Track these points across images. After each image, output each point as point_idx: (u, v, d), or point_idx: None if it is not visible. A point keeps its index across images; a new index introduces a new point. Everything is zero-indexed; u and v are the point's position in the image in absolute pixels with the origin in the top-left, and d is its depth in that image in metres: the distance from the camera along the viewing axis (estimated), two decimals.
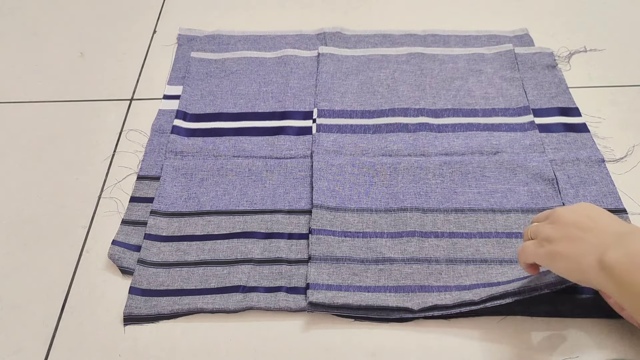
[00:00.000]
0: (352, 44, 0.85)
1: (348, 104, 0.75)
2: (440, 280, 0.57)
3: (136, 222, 0.63)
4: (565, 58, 0.82)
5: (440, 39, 0.85)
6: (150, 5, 0.94)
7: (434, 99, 0.75)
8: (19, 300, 0.57)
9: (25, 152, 0.72)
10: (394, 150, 0.69)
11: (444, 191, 0.65)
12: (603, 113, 0.74)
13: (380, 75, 0.79)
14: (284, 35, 0.87)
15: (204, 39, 0.86)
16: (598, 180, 0.65)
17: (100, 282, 0.59)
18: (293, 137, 0.72)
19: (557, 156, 0.68)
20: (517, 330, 0.53)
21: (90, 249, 0.61)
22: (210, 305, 0.55)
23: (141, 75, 0.82)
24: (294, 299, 0.56)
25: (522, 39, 0.85)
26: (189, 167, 0.68)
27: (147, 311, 0.55)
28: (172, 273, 0.58)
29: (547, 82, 0.77)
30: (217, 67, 0.81)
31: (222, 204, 0.65)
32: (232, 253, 0.60)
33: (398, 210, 0.63)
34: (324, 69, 0.80)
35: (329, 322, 0.55)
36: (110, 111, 0.77)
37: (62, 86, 0.81)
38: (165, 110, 0.76)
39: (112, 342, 0.54)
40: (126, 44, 0.87)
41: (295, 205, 0.64)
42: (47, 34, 0.90)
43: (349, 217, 0.62)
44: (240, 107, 0.76)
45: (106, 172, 0.69)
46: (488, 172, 0.66)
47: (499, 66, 0.80)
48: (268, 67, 0.81)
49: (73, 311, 0.56)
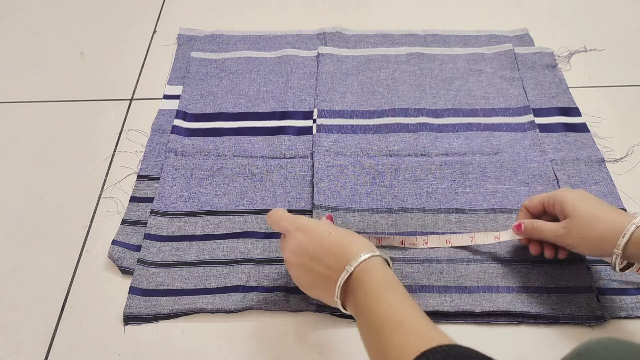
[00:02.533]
0: (352, 44, 0.85)
1: (348, 104, 0.75)
2: (440, 280, 0.57)
3: (136, 222, 0.63)
4: (565, 58, 0.82)
5: (440, 39, 0.85)
6: (150, 5, 0.94)
7: (434, 99, 0.75)
8: (19, 300, 0.57)
9: (25, 152, 0.72)
10: (395, 150, 0.69)
11: (445, 191, 0.65)
12: (603, 113, 0.74)
13: (380, 75, 0.79)
14: (284, 35, 0.87)
15: (204, 38, 0.86)
16: (598, 180, 0.65)
17: (100, 282, 0.58)
18: (293, 137, 0.72)
19: (557, 156, 0.68)
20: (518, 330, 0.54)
21: (90, 248, 0.61)
22: (210, 305, 0.55)
23: (141, 75, 0.82)
24: (293, 298, 0.56)
25: (522, 38, 0.85)
26: (189, 167, 0.68)
27: (147, 311, 0.55)
28: (172, 273, 0.58)
29: (547, 82, 0.78)
30: (217, 67, 0.81)
31: (222, 204, 0.64)
32: (232, 253, 0.60)
33: (399, 211, 0.63)
34: (324, 69, 0.80)
35: (329, 322, 0.55)
36: (110, 111, 0.77)
37: (62, 86, 0.81)
38: (165, 110, 0.76)
39: (112, 342, 0.54)
40: (126, 44, 0.87)
41: (295, 205, 0.64)
42: (47, 33, 0.90)
43: (350, 218, 0.62)
44: (240, 107, 0.76)
45: (106, 172, 0.69)
46: (489, 172, 0.66)
47: (499, 66, 0.80)
48: (268, 67, 0.81)
49: (73, 311, 0.56)
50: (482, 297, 0.55)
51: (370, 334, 0.40)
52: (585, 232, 0.49)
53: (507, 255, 0.59)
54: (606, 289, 0.56)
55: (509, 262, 0.58)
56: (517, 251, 0.59)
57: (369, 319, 0.41)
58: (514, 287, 0.56)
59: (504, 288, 0.56)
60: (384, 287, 0.42)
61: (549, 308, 0.54)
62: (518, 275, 0.57)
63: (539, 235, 0.53)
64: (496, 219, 0.62)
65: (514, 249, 0.59)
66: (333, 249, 0.46)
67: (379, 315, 0.40)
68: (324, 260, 0.46)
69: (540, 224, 0.53)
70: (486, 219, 0.62)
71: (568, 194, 0.52)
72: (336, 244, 0.46)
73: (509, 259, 0.58)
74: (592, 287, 0.55)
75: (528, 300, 0.54)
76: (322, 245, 0.47)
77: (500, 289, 0.56)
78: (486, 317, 0.54)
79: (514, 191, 0.64)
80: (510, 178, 0.66)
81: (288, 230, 0.49)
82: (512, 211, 0.62)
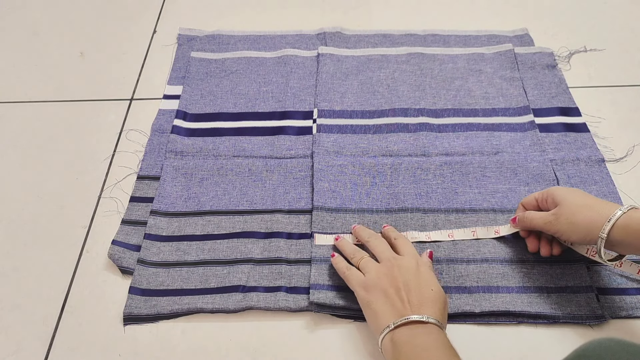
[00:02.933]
0: (352, 44, 0.85)
1: (348, 104, 0.75)
2: (440, 280, 0.57)
3: (136, 222, 0.63)
4: (565, 58, 0.82)
5: (440, 38, 0.85)
6: (150, 5, 0.94)
7: (434, 99, 0.75)
8: (19, 300, 0.57)
9: (25, 151, 0.72)
10: (395, 150, 0.69)
11: (445, 191, 0.65)
12: (603, 113, 0.74)
13: (380, 75, 0.79)
14: (284, 35, 0.87)
15: (204, 38, 0.86)
16: (598, 180, 0.65)
17: (100, 282, 0.58)
18: (293, 137, 0.72)
19: (557, 156, 0.68)
20: (518, 330, 0.54)
21: (90, 248, 0.61)
22: (210, 305, 0.55)
23: (141, 75, 0.82)
24: (293, 298, 0.56)
25: (522, 38, 0.85)
26: (189, 167, 0.68)
27: (147, 311, 0.55)
28: (172, 273, 0.58)
29: (547, 82, 0.77)
30: (217, 67, 0.81)
31: (222, 204, 0.64)
32: (232, 253, 0.60)
33: (399, 211, 0.63)
34: (324, 69, 0.80)
35: (329, 321, 0.55)
36: (110, 111, 0.77)
37: (62, 86, 0.81)
38: (165, 110, 0.76)
39: (112, 342, 0.54)
40: (126, 44, 0.87)
41: (295, 205, 0.64)
42: (48, 33, 0.90)
43: (350, 218, 0.62)
44: (240, 107, 0.76)
45: (106, 171, 0.69)
46: (489, 172, 0.66)
47: (499, 66, 0.80)
48: (268, 67, 0.81)
49: (73, 311, 0.56)
50: (482, 297, 0.55)
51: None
52: (573, 217, 0.50)
53: (507, 255, 0.59)
54: (606, 289, 0.56)
55: (509, 262, 0.58)
56: (517, 251, 0.59)
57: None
58: (514, 287, 0.56)
59: (504, 288, 0.56)
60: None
61: (549, 308, 0.54)
62: (518, 275, 0.57)
63: (530, 223, 0.55)
64: (496, 219, 0.62)
65: (513, 249, 0.59)
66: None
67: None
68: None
69: (532, 213, 0.56)
70: (486, 219, 0.62)
71: (559, 188, 0.55)
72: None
73: (509, 259, 0.58)
74: (592, 287, 0.55)
75: (528, 300, 0.54)
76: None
77: (500, 289, 0.56)
78: (486, 317, 0.54)
79: (514, 191, 0.64)
80: (510, 178, 0.66)
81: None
82: (512, 211, 0.62)
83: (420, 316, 0.46)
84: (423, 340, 0.45)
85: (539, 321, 0.54)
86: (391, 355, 0.45)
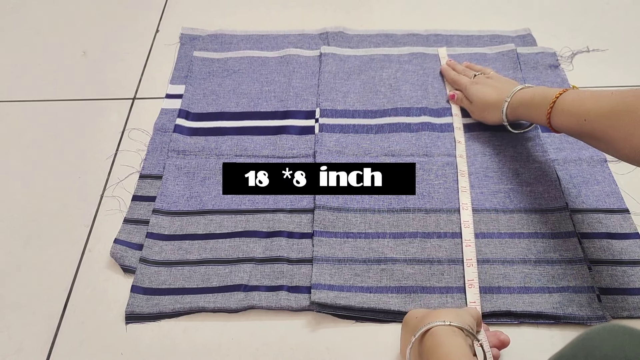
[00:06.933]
0: (354, 44, 0.85)
1: (350, 103, 0.75)
2: (442, 281, 0.57)
3: (138, 221, 0.63)
4: (568, 58, 0.82)
5: (443, 38, 0.85)
6: (153, 5, 0.95)
7: (436, 99, 0.75)
8: (21, 299, 0.57)
9: (27, 151, 0.72)
10: (397, 150, 0.69)
11: (447, 191, 0.65)
12: None
13: (382, 74, 0.79)
14: (287, 35, 0.87)
15: (206, 38, 0.86)
16: (600, 180, 0.65)
17: (102, 280, 0.59)
18: (295, 137, 0.72)
19: (559, 156, 0.68)
20: (518, 330, 0.54)
21: (92, 247, 0.62)
22: (212, 304, 0.55)
23: (144, 74, 0.82)
24: (295, 298, 0.56)
25: (524, 38, 0.85)
26: (191, 166, 0.68)
27: (149, 310, 0.55)
28: (174, 272, 0.58)
29: (550, 82, 0.77)
30: (219, 67, 0.81)
31: (224, 203, 0.65)
32: (234, 252, 0.60)
33: (400, 211, 0.63)
34: (327, 68, 0.80)
35: (330, 321, 0.55)
36: (113, 110, 0.77)
37: (64, 85, 0.81)
38: (168, 109, 0.76)
39: (114, 341, 0.54)
40: (129, 43, 0.87)
41: (297, 205, 0.64)
42: (50, 32, 0.90)
43: (352, 218, 0.62)
44: (242, 107, 0.76)
45: (108, 170, 0.69)
46: (491, 172, 0.66)
47: (502, 66, 0.80)
48: (270, 67, 0.81)
49: (75, 310, 0.56)
50: (482, 297, 0.55)
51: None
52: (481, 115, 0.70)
53: (508, 255, 0.59)
54: (609, 289, 0.56)
55: (510, 262, 0.58)
56: (518, 251, 0.59)
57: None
58: (515, 287, 0.56)
59: (505, 289, 0.56)
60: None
61: (550, 308, 0.54)
62: (519, 275, 0.57)
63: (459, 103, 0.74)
64: (498, 219, 0.62)
65: (515, 249, 0.59)
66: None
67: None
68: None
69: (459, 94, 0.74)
70: (488, 219, 0.62)
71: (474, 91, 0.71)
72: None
73: (510, 259, 0.58)
74: (593, 288, 0.55)
75: (529, 300, 0.54)
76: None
77: (501, 290, 0.56)
78: (487, 317, 0.54)
79: (516, 191, 0.64)
80: (513, 178, 0.66)
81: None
82: (514, 211, 0.62)
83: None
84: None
85: (540, 321, 0.54)
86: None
